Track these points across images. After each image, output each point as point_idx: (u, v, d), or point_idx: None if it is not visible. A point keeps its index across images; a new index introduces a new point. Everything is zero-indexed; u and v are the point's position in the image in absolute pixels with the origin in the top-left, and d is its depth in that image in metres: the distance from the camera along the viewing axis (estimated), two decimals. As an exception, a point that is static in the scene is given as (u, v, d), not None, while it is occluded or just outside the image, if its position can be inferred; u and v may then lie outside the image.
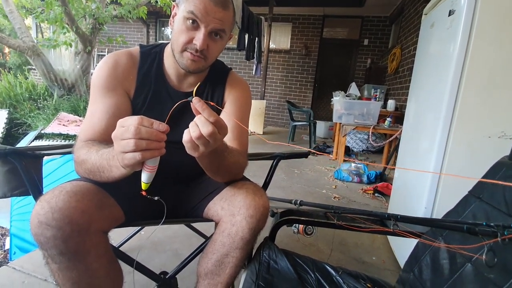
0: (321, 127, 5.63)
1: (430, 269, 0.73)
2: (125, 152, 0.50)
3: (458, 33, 1.10)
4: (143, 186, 0.56)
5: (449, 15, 1.21)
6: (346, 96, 4.09)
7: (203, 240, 1.36)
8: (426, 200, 1.18)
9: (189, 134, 0.53)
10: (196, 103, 0.53)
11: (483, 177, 0.76)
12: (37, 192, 0.71)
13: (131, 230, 1.38)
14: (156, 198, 0.61)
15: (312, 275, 0.77)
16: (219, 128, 0.54)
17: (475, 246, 0.56)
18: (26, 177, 0.69)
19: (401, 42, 4.33)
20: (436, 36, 1.36)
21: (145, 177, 0.55)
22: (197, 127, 0.52)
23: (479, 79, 1.08)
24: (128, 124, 0.50)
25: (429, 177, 1.17)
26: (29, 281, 1.16)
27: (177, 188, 0.91)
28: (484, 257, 0.63)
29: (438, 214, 1.16)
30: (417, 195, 1.28)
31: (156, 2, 4.76)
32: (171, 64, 0.83)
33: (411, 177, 1.45)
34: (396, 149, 3.11)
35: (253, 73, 5.31)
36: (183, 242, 1.51)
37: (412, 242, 1.07)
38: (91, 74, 5.22)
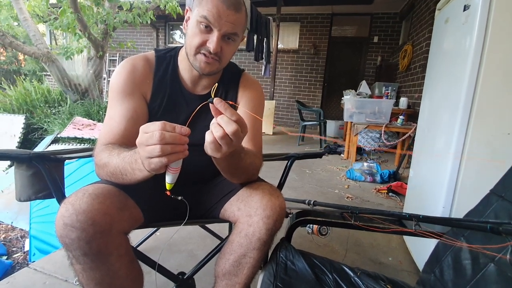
0: (331, 127, 5.57)
1: (451, 270, 0.71)
2: (151, 157, 0.51)
3: (474, 28, 1.08)
4: (168, 187, 0.58)
5: (464, 10, 1.18)
6: (357, 94, 4.05)
7: (217, 240, 1.38)
8: (444, 199, 1.15)
9: (212, 135, 0.54)
10: (217, 103, 0.53)
11: (506, 174, 0.74)
12: (60, 194, 0.73)
13: (146, 231, 1.40)
14: (179, 198, 0.62)
15: (330, 276, 0.76)
16: (242, 127, 0.54)
17: (501, 246, 0.55)
18: (50, 180, 0.71)
19: (412, 39, 4.25)
20: (451, 31, 1.33)
21: (169, 179, 0.56)
22: (220, 127, 0.53)
23: (497, 75, 1.05)
24: (152, 130, 0.51)
25: (447, 175, 1.14)
26: (50, 282, 1.20)
27: (194, 189, 0.92)
28: (508, 256, 0.61)
29: (457, 213, 1.13)
30: (435, 194, 1.25)
31: (164, 7, 4.82)
32: (185, 67, 0.84)
33: (427, 176, 1.42)
34: (410, 147, 3.06)
35: (262, 74, 5.31)
36: (198, 243, 1.53)
37: (430, 243, 1.05)
38: (104, 79, 5.34)
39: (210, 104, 0.54)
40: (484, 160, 1.06)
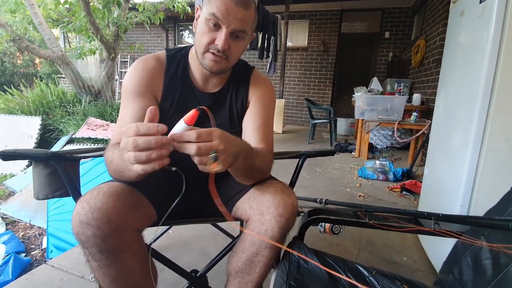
0: (342, 124, 5.51)
1: (471, 270, 0.69)
2: (132, 163, 0.49)
3: (491, 20, 1.04)
4: None
5: (480, 2, 1.14)
6: (368, 91, 3.98)
7: (228, 239, 1.38)
8: (462, 198, 1.12)
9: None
10: (176, 138, 0.50)
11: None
12: (76, 193, 0.75)
13: (159, 230, 1.42)
14: (174, 168, 0.56)
15: (344, 275, 0.75)
16: (203, 137, 0.50)
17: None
18: (66, 179, 0.73)
19: (425, 33, 4.14)
20: (467, 25, 1.29)
21: None
22: (196, 157, 0.50)
23: (516, 68, 1.01)
24: (129, 134, 0.48)
25: (465, 173, 1.10)
26: (67, 278, 1.23)
27: (205, 188, 0.92)
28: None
29: (475, 212, 1.10)
30: (451, 193, 1.22)
31: (173, 7, 4.87)
32: (196, 66, 0.84)
33: (444, 173, 1.38)
34: (424, 144, 2.99)
35: (267, 72, 5.28)
36: (209, 241, 1.54)
37: (448, 242, 1.02)
38: (115, 80, 5.44)
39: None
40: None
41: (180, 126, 0.50)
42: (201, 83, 0.86)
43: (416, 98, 3.52)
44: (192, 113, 0.50)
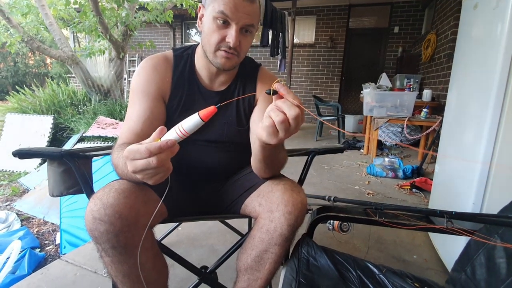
0: (350, 121, 5.44)
1: (484, 269, 0.68)
2: (155, 175, 0.51)
3: (506, 12, 1.01)
4: None
5: (496, -7, 1.11)
6: (377, 87, 3.93)
7: (237, 236, 1.39)
8: (475, 196, 1.09)
9: (271, 119, 0.52)
10: (280, 87, 0.53)
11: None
12: (89, 190, 0.77)
13: (169, 226, 1.44)
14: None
15: (354, 273, 0.75)
16: (302, 112, 0.53)
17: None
18: (80, 176, 0.74)
19: (436, 27, 4.05)
20: (481, 18, 1.25)
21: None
22: (279, 112, 0.51)
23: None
24: (140, 157, 0.48)
25: (478, 170, 1.08)
26: (80, 273, 1.26)
27: (215, 185, 0.93)
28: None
29: (489, 210, 1.08)
30: (464, 190, 1.19)
31: (181, 5, 4.88)
32: (202, 64, 0.84)
33: (456, 171, 1.36)
34: (434, 141, 2.94)
35: (277, 69, 5.26)
36: (218, 238, 1.55)
37: (460, 240, 1.01)
38: (124, 79, 5.51)
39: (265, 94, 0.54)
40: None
41: (193, 120, 0.50)
42: (207, 81, 0.87)
43: (427, 94, 3.46)
44: (210, 109, 0.49)
